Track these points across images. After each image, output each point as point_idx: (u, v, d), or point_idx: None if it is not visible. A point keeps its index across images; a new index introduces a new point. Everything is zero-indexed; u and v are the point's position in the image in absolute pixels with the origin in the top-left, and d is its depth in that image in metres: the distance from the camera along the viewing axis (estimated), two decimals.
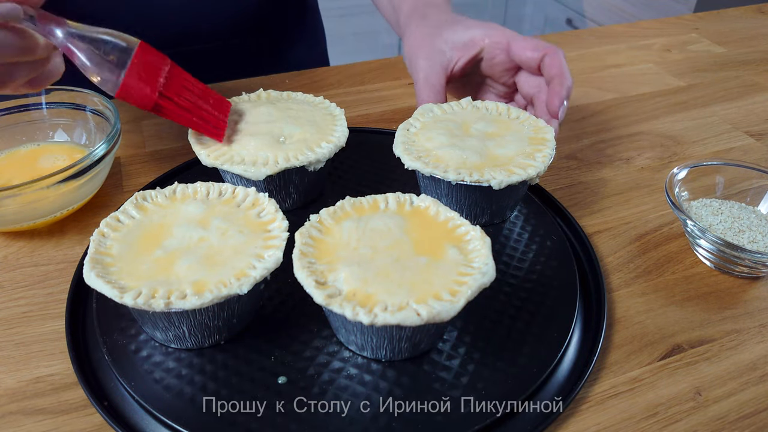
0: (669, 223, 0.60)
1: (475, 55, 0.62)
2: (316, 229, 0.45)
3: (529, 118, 0.58)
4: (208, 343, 0.45)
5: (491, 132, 0.56)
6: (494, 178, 0.50)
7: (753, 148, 0.72)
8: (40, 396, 0.43)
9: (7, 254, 0.54)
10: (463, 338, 0.46)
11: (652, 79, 0.85)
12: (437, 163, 0.52)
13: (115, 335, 0.45)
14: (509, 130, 0.57)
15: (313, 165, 0.54)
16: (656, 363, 0.47)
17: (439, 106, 0.60)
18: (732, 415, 0.43)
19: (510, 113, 0.59)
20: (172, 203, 0.48)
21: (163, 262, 0.43)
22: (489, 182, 0.50)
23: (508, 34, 0.62)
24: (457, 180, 0.50)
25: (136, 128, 0.71)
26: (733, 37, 0.98)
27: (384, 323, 0.38)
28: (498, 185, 0.50)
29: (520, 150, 0.54)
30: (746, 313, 0.51)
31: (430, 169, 0.51)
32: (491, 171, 0.51)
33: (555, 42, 0.94)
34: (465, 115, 0.59)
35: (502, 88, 0.66)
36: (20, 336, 0.48)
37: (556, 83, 0.58)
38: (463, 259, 0.43)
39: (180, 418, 0.40)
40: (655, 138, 0.73)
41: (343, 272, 0.41)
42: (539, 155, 0.53)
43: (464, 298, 0.39)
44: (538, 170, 0.52)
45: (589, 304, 0.50)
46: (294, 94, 0.62)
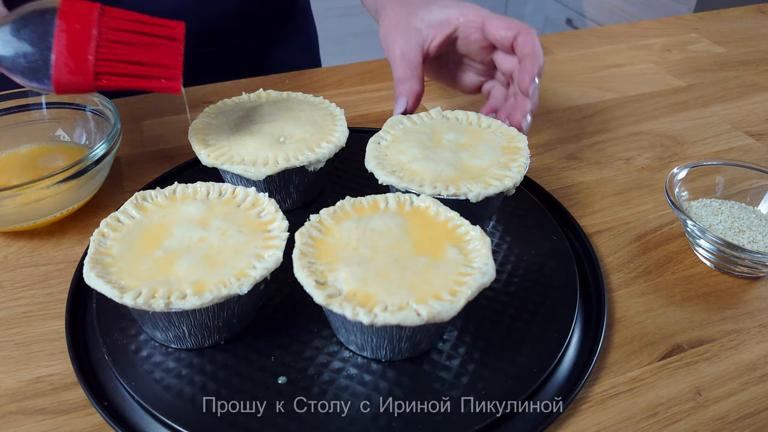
0: (669, 223, 0.60)
1: (450, 34, 0.62)
2: (316, 229, 0.45)
3: (500, 126, 0.58)
4: (208, 343, 0.45)
5: (463, 142, 0.56)
6: (471, 191, 0.49)
7: (753, 148, 0.72)
8: (40, 396, 0.43)
9: (7, 254, 0.54)
10: (463, 338, 0.46)
11: (652, 79, 0.85)
12: (412, 177, 0.51)
13: (115, 335, 0.45)
14: (481, 140, 0.56)
15: (313, 165, 0.54)
16: (656, 363, 0.47)
17: (408, 118, 0.59)
18: (732, 415, 0.43)
19: (481, 122, 0.59)
20: (172, 203, 0.48)
21: (163, 262, 0.43)
22: (466, 195, 0.49)
23: (483, 13, 0.62)
24: (434, 194, 0.49)
25: (136, 128, 0.71)
26: (733, 37, 0.98)
27: (384, 323, 0.38)
28: (475, 198, 0.49)
29: (494, 160, 0.53)
30: (746, 313, 0.51)
31: (405, 184, 0.50)
32: (467, 183, 0.50)
33: (555, 42, 0.94)
34: (435, 125, 0.58)
35: (480, 66, 0.66)
36: (20, 336, 0.48)
37: (528, 61, 0.58)
38: (463, 259, 0.43)
39: (180, 418, 0.40)
40: (655, 138, 0.73)
41: (343, 272, 0.41)
42: (514, 165, 0.53)
43: (464, 298, 0.39)
44: (514, 181, 0.51)
45: (589, 304, 0.50)
46: (294, 94, 0.62)
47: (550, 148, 0.70)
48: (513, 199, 0.59)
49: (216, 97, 0.75)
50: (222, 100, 0.61)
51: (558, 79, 0.84)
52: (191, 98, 0.77)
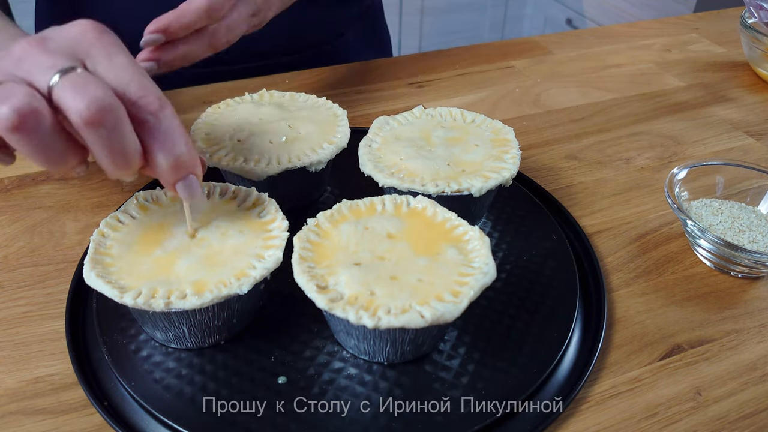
0: (669, 223, 0.60)
1: None
2: (314, 233, 0.45)
3: (484, 120, 0.58)
4: (208, 343, 0.45)
5: (453, 138, 0.56)
6: (473, 185, 0.50)
7: (753, 148, 0.72)
8: (40, 396, 0.43)
9: (7, 254, 0.54)
10: (463, 338, 0.46)
11: (652, 79, 0.85)
12: (411, 176, 0.51)
13: (115, 335, 0.45)
14: (470, 134, 0.56)
15: (315, 166, 0.54)
16: (656, 363, 0.47)
17: (393, 118, 0.59)
18: (732, 415, 0.43)
19: (465, 117, 0.59)
20: (172, 203, 0.48)
21: (163, 262, 0.43)
22: (469, 190, 0.50)
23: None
24: (438, 192, 0.50)
25: None
26: (733, 37, 0.98)
27: (388, 326, 0.38)
28: (478, 192, 0.50)
29: (487, 153, 0.54)
30: (746, 313, 0.51)
31: (408, 185, 0.50)
32: (467, 179, 0.51)
33: (555, 42, 0.94)
34: (421, 123, 0.58)
35: None
36: (20, 336, 0.48)
37: None
38: (463, 259, 0.43)
39: (180, 418, 0.40)
40: (655, 138, 0.73)
41: (344, 276, 0.41)
42: (507, 157, 0.53)
43: (467, 299, 0.39)
44: (511, 172, 0.52)
45: (589, 304, 0.50)
46: (297, 95, 0.62)
47: (550, 148, 0.70)
48: (513, 199, 0.59)
49: (217, 97, 0.75)
50: (224, 100, 0.61)
51: (558, 79, 0.84)
52: (192, 98, 0.77)
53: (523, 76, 0.85)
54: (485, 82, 0.83)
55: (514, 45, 0.93)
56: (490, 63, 0.88)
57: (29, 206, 0.60)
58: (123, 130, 0.36)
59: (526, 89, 0.82)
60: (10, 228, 0.57)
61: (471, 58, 0.89)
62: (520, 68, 0.87)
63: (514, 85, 0.83)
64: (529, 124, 0.74)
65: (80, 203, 0.60)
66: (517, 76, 0.85)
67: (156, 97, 0.38)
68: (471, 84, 0.82)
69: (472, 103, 0.78)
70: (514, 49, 0.91)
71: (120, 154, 0.37)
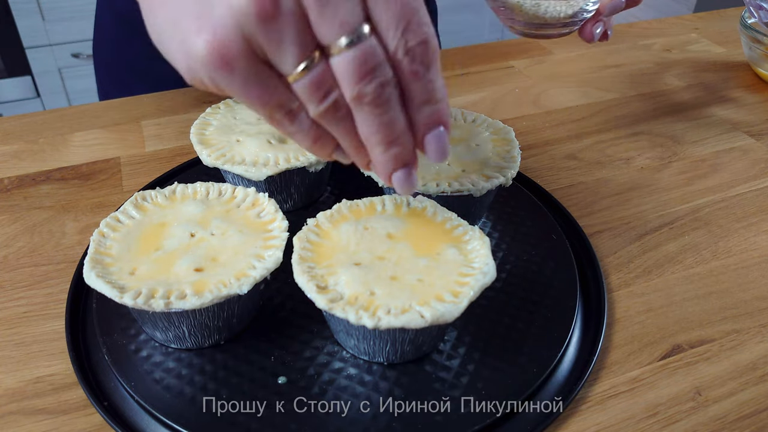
0: (669, 223, 0.60)
1: None
2: (314, 233, 0.45)
3: (485, 120, 0.58)
4: (208, 343, 0.45)
5: (453, 138, 0.56)
6: (473, 185, 0.50)
7: (753, 148, 0.72)
8: (40, 396, 0.43)
9: (7, 254, 0.54)
10: (463, 338, 0.46)
11: (652, 79, 0.85)
12: None
13: (115, 335, 0.45)
14: (470, 134, 0.57)
15: (314, 166, 0.54)
16: (656, 363, 0.47)
17: None
18: (732, 415, 0.43)
19: (465, 117, 0.59)
20: (172, 203, 0.48)
21: (163, 262, 0.43)
22: (470, 190, 0.50)
23: None
24: (438, 192, 0.50)
25: (136, 128, 0.71)
26: (733, 37, 0.98)
27: (388, 326, 0.38)
28: (479, 192, 0.50)
29: (486, 154, 0.54)
30: (746, 313, 0.51)
31: None
32: (467, 178, 0.51)
33: (555, 42, 0.94)
34: None
35: None
36: (20, 336, 0.48)
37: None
38: (463, 259, 0.43)
39: (180, 418, 0.40)
40: (655, 138, 0.73)
41: (344, 276, 0.41)
42: (509, 156, 0.54)
43: (467, 299, 0.39)
44: (511, 172, 0.52)
45: (589, 304, 0.50)
46: None
47: (550, 148, 0.70)
48: (513, 199, 0.59)
49: (217, 97, 0.75)
50: (224, 100, 0.61)
51: (558, 79, 0.84)
52: (192, 98, 0.77)
53: (523, 76, 0.85)
54: (485, 83, 0.83)
55: (514, 45, 0.93)
56: (490, 63, 0.88)
57: (29, 206, 0.60)
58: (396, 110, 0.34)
59: (526, 89, 0.82)
60: (10, 228, 0.57)
61: (470, 58, 0.89)
62: (519, 68, 0.87)
63: (514, 85, 0.83)
64: (529, 124, 0.74)
65: (80, 203, 0.60)
66: (516, 76, 0.85)
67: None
68: (471, 84, 0.82)
69: (472, 103, 0.78)
70: (514, 49, 0.91)
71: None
